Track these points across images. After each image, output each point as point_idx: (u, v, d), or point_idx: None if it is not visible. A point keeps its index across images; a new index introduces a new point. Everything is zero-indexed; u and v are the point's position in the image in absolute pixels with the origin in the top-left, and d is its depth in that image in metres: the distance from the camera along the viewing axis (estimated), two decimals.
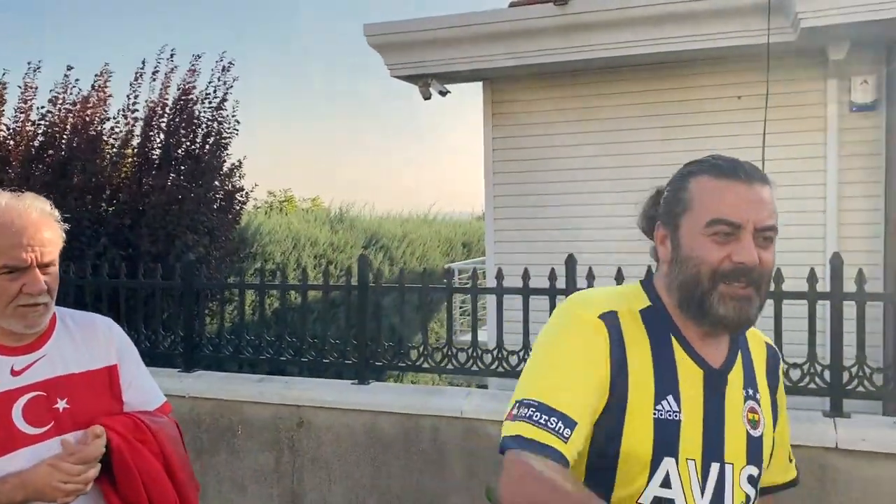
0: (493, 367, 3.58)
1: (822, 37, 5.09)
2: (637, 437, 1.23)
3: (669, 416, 1.25)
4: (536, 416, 1.18)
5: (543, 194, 6.27)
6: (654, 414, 1.25)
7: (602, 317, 1.28)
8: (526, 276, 3.59)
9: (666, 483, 1.24)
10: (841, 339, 3.12)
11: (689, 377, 1.28)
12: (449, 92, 6.52)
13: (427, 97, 6.27)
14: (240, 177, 8.77)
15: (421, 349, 3.72)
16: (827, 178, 5.55)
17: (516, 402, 1.22)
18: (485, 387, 5.61)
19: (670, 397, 1.26)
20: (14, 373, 1.53)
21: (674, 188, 1.33)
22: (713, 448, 1.27)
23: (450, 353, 3.67)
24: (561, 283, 3.52)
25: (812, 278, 3.21)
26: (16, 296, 1.51)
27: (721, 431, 1.28)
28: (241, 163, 8.78)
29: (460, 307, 10.77)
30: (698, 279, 1.26)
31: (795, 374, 3.17)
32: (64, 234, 1.63)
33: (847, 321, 3.14)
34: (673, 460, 1.24)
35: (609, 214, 5.89)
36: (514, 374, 3.45)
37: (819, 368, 3.15)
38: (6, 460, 1.47)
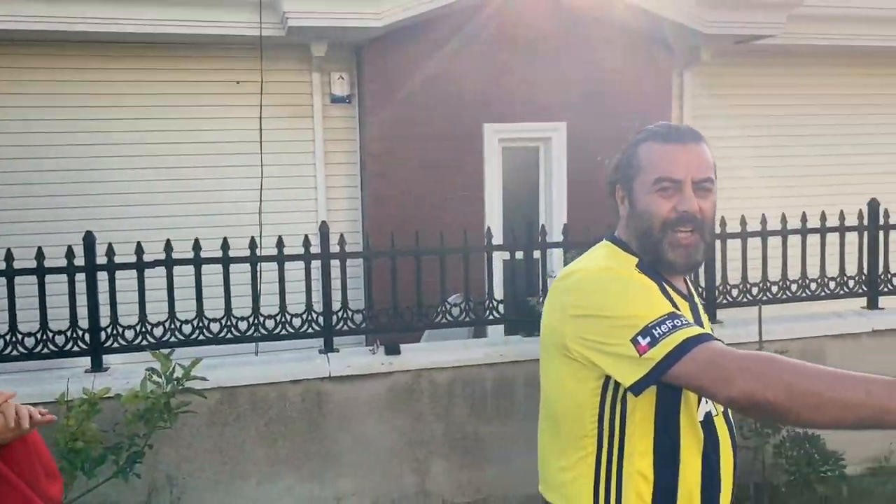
0: None
1: (306, 35, 5.91)
2: None
3: None
4: (679, 322, 1.36)
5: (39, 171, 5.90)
6: None
7: (636, 272, 1.52)
8: (40, 255, 3.52)
9: (706, 400, 1.49)
10: (330, 290, 3.87)
11: (684, 309, 1.53)
12: None
13: None
14: None
15: None
16: (316, 158, 6.46)
17: (640, 332, 1.35)
18: None
19: None
20: None
21: (626, 156, 1.59)
22: None
23: None
24: (80, 261, 3.55)
25: (306, 242, 3.89)
26: None
27: None
28: None
29: None
30: (651, 230, 1.51)
31: (297, 322, 3.83)
32: None
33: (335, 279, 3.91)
34: None
35: (125, 192, 5.93)
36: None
37: (315, 315, 3.86)
38: None
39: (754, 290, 4.31)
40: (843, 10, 6.79)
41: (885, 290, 4.55)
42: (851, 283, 4.51)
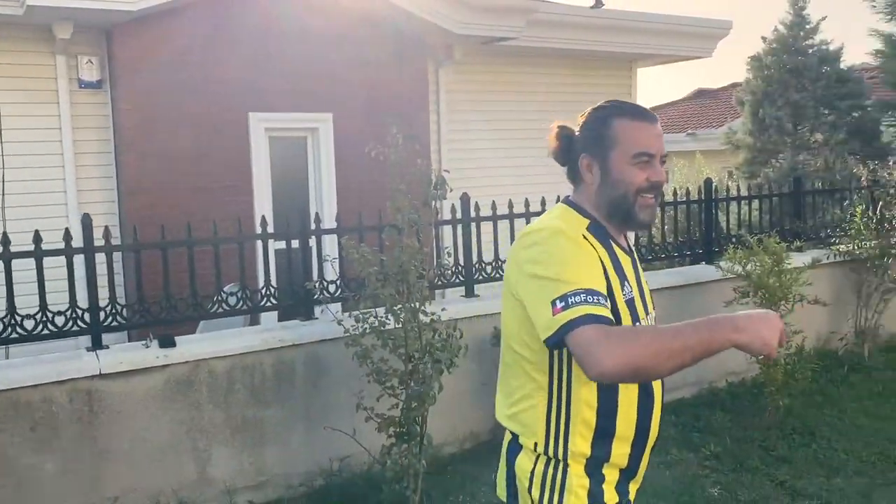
0: None
1: (48, 15, 5.47)
2: (622, 313, 1.70)
3: (628, 295, 1.75)
4: (592, 298, 1.55)
5: None
6: (623, 297, 1.73)
7: (584, 235, 1.72)
8: None
9: None
10: (96, 285, 3.73)
11: (626, 264, 1.80)
12: None
13: None
14: None
15: None
16: (64, 147, 6.01)
17: (559, 297, 1.55)
18: None
19: (626, 283, 1.76)
20: None
21: (594, 128, 1.78)
22: (645, 306, 1.84)
23: None
24: None
25: (67, 237, 3.70)
26: None
27: (643, 293, 1.85)
28: None
29: None
30: (626, 196, 1.75)
31: (60, 320, 3.64)
32: None
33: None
34: (637, 324, 1.76)
35: None
36: None
37: (80, 312, 3.70)
38: None
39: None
40: (572, 17, 7.72)
41: None
42: None
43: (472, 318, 4.55)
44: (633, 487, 1.82)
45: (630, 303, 1.75)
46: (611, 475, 1.75)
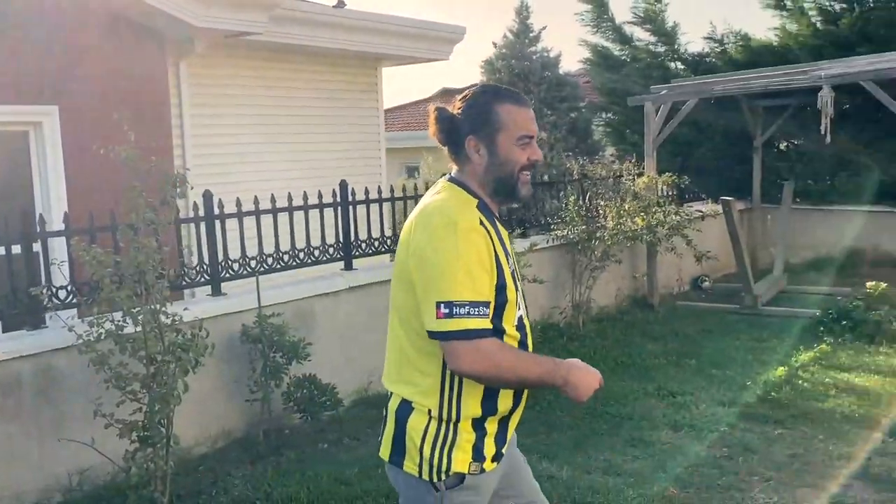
0: None
1: None
2: (510, 287, 1.92)
3: (511, 267, 1.96)
4: (475, 311, 1.79)
5: None
6: (510, 269, 1.94)
7: (481, 223, 1.87)
8: None
9: (519, 306, 1.99)
10: None
11: (506, 238, 2.00)
12: None
13: None
14: None
15: None
16: None
17: (447, 302, 1.79)
18: None
19: (509, 257, 1.97)
20: None
21: (479, 112, 1.94)
22: (519, 274, 2.05)
23: None
24: None
25: None
26: None
27: (517, 263, 2.06)
28: None
29: None
30: (512, 173, 1.96)
31: None
32: None
33: None
34: (519, 293, 1.98)
35: None
36: None
37: None
38: None
39: (252, 263, 4.90)
40: (316, 16, 7.85)
41: (357, 254, 5.61)
42: (332, 250, 5.45)
43: (220, 317, 4.55)
44: (511, 426, 2.06)
45: (513, 274, 1.97)
46: (492, 427, 1.97)
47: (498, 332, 1.91)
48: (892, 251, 9.43)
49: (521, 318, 2.01)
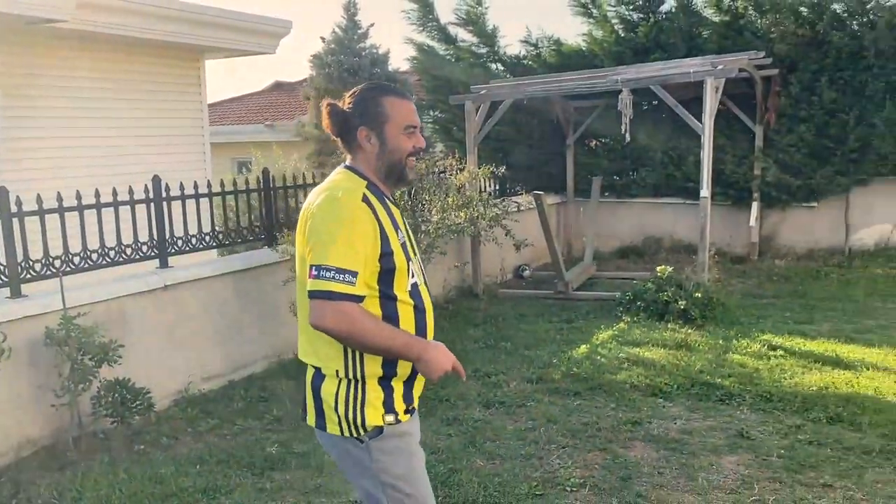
0: None
1: None
2: (398, 256, 2.13)
3: (402, 239, 2.18)
4: (341, 277, 2.00)
5: None
6: (399, 240, 2.16)
7: (363, 200, 2.10)
8: None
9: (412, 275, 2.20)
10: None
11: (397, 215, 2.23)
12: None
13: None
14: None
15: None
16: None
17: (317, 265, 2.02)
18: None
19: (399, 230, 2.18)
20: None
21: (367, 105, 2.18)
22: (414, 249, 2.27)
23: None
24: None
25: None
26: None
27: (412, 238, 2.28)
28: None
29: None
30: (400, 160, 2.20)
31: None
32: None
33: None
34: (412, 262, 2.21)
35: None
36: None
37: None
38: None
39: (57, 263, 4.69)
40: (131, 4, 7.51)
41: (173, 251, 5.50)
42: (145, 248, 5.31)
43: (20, 321, 4.34)
44: (416, 392, 2.25)
45: (403, 245, 2.18)
46: (398, 387, 2.18)
47: (388, 297, 2.14)
48: (684, 238, 10.50)
49: (415, 286, 2.21)
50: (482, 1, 11.68)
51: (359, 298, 2.04)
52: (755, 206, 9.96)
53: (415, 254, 2.28)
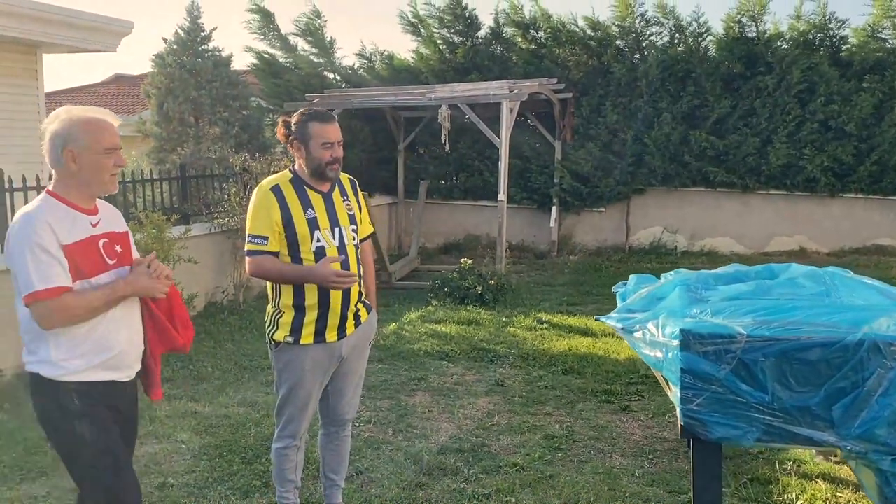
0: None
1: None
2: (299, 226, 3.08)
3: (309, 215, 3.11)
4: (255, 241, 3.08)
5: None
6: (305, 217, 3.09)
7: (271, 189, 3.11)
8: None
9: (318, 240, 3.11)
10: None
11: (316, 200, 3.15)
12: None
13: None
14: None
15: None
16: None
17: (249, 234, 3.08)
18: None
19: (309, 209, 3.11)
20: (93, 225, 2.57)
21: (299, 128, 3.12)
22: (334, 222, 3.16)
23: None
24: None
25: None
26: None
27: (335, 216, 3.17)
28: None
29: None
30: (321, 164, 3.12)
31: None
32: None
33: None
34: (318, 231, 3.11)
35: None
36: None
37: None
38: (99, 278, 2.53)
39: None
40: None
41: None
42: None
43: None
44: (330, 321, 3.15)
45: (312, 220, 3.10)
46: (311, 315, 3.12)
47: (295, 257, 3.10)
48: (494, 236, 11.96)
49: (321, 248, 3.11)
50: (320, 14, 12.60)
51: (270, 254, 3.08)
52: (555, 209, 11.58)
53: (329, 226, 3.14)
